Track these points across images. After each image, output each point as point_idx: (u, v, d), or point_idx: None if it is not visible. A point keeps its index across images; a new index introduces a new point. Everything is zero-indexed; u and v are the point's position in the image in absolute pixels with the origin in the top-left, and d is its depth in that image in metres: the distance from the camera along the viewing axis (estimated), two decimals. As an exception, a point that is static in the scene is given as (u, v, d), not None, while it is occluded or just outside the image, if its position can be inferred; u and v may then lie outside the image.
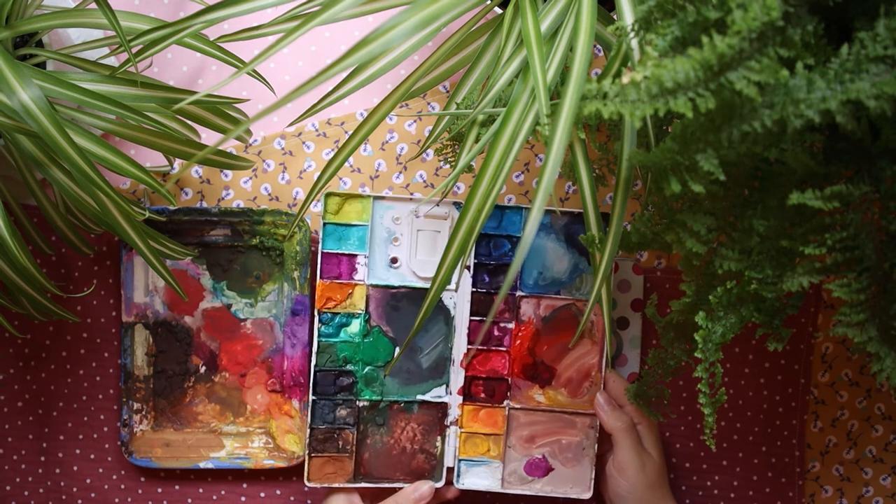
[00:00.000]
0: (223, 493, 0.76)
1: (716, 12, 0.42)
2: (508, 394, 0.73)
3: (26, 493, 0.75)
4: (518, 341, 0.73)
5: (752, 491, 0.77)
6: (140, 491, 0.75)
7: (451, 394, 0.73)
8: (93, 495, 0.75)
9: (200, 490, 0.76)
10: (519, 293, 0.72)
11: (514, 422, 0.73)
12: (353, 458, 0.72)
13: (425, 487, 0.70)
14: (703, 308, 0.55)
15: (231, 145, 0.74)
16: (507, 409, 0.73)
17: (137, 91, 0.58)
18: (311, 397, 0.71)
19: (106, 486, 0.75)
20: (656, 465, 0.68)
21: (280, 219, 0.72)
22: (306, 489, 0.76)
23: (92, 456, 0.75)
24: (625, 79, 0.41)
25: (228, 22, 0.74)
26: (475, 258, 0.71)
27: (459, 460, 0.73)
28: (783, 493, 0.77)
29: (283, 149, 0.75)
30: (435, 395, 0.73)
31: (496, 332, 0.72)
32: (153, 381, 0.75)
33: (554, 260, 0.72)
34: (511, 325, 0.72)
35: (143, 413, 0.74)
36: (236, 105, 0.63)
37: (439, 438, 0.73)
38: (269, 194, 0.75)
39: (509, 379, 0.73)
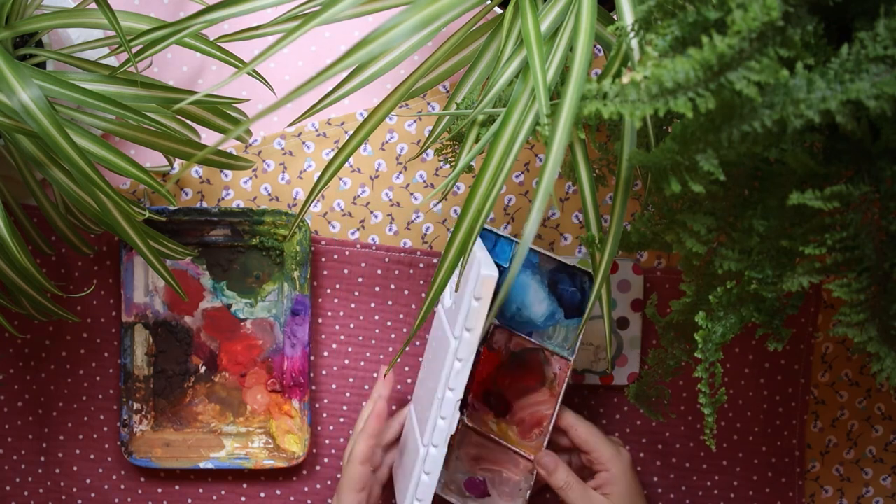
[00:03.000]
0: (223, 493, 0.76)
1: (716, 12, 0.42)
2: (465, 410, 0.73)
3: (26, 493, 0.75)
4: (483, 365, 0.73)
5: (752, 491, 0.77)
6: (140, 491, 0.75)
7: None
8: (93, 495, 0.75)
9: (200, 490, 0.76)
10: (495, 322, 0.72)
11: (465, 437, 0.73)
12: None
13: (380, 404, 0.68)
14: (703, 308, 0.55)
15: (231, 145, 0.74)
16: (460, 423, 0.73)
17: (137, 91, 0.58)
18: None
19: (106, 486, 0.75)
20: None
21: (280, 219, 0.72)
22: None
23: (92, 456, 0.75)
24: (625, 79, 0.41)
25: (228, 22, 0.74)
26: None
27: None
28: (783, 493, 0.77)
29: (283, 149, 0.75)
30: None
31: None
32: (153, 381, 0.75)
33: (534, 300, 0.72)
34: (480, 348, 0.73)
35: (143, 413, 0.74)
36: (236, 105, 0.63)
37: None
38: (269, 194, 0.75)
39: (469, 396, 0.73)
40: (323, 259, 0.75)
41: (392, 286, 0.75)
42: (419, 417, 0.69)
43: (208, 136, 0.70)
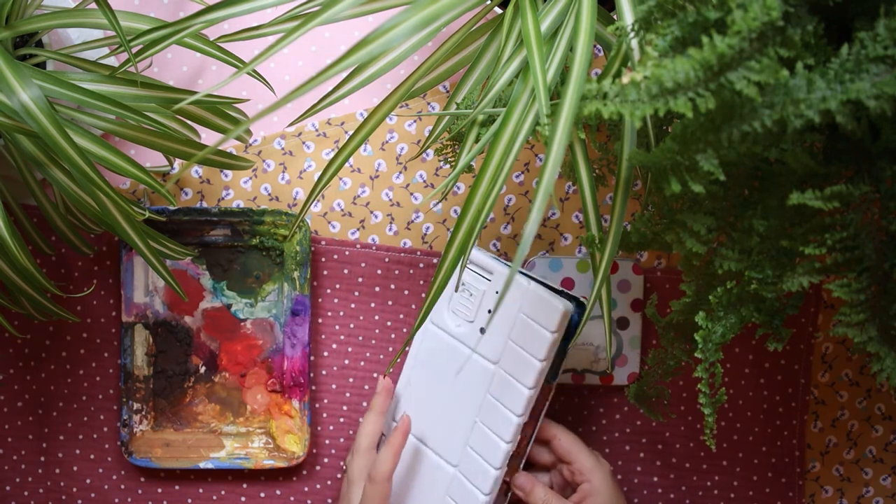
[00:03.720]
0: (223, 493, 0.76)
1: (716, 12, 0.42)
2: None
3: (26, 493, 0.75)
4: None
5: (752, 491, 0.77)
6: (140, 491, 0.75)
7: None
8: (93, 495, 0.75)
9: (200, 490, 0.76)
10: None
11: None
12: None
13: (406, 420, 0.69)
14: (703, 308, 0.55)
15: (231, 145, 0.74)
16: None
17: (137, 91, 0.58)
18: None
19: (106, 486, 0.75)
20: None
21: (280, 219, 0.72)
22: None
23: (92, 456, 0.75)
24: (625, 79, 0.42)
25: (228, 22, 0.74)
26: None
27: None
28: (783, 493, 0.77)
29: (283, 149, 0.75)
30: None
31: None
32: (153, 381, 0.75)
33: None
34: None
35: (143, 413, 0.74)
36: (236, 105, 0.63)
37: None
38: (269, 194, 0.75)
39: None
40: (323, 259, 0.75)
41: (392, 286, 0.75)
42: (432, 436, 0.69)
43: (208, 136, 0.70)
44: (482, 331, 0.67)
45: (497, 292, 0.66)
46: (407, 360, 0.72)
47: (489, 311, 0.67)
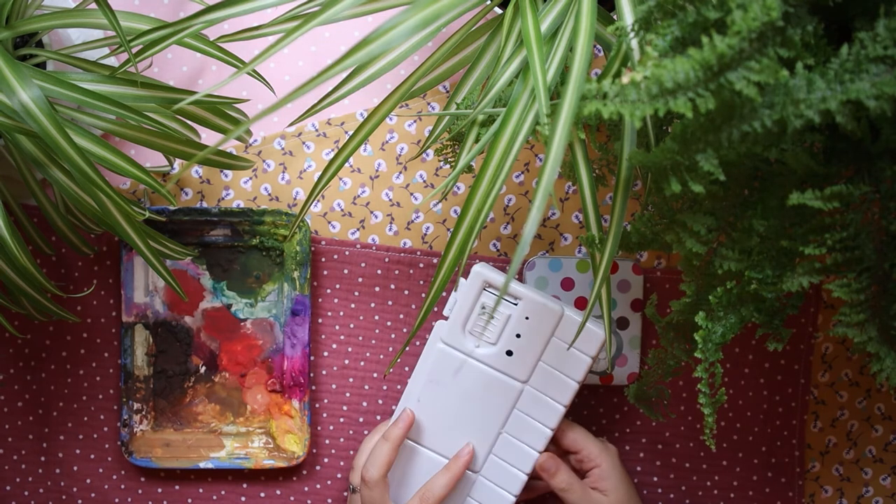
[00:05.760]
0: (223, 493, 0.76)
1: (716, 12, 0.42)
2: None
3: (26, 493, 0.75)
4: None
5: (752, 491, 0.77)
6: (140, 491, 0.75)
7: None
8: (93, 495, 0.75)
9: (200, 490, 0.76)
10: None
11: None
12: None
13: (448, 477, 0.69)
14: (703, 308, 0.55)
15: (231, 145, 0.74)
16: None
17: (137, 91, 0.58)
18: None
19: (106, 486, 0.75)
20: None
21: (280, 219, 0.72)
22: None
23: (92, 456, 0.75)
24: (625, 79, 0.42)
25: (228, 22, 0.74)
26: None
27: None
28: (783, 493, 0.77)
29: (283, 149, 0.75)
30: None
31: None
32: (153, 381, 0.75)
33: None
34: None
35: (143, 413, 0.74)
36: (236, 105, 0.63)
37: None
38: (269, 194, 0.75)
39: None
40: (323, 259, 0.75)
41: (392, 286, 0.75)
42: (449, 447, 0.70)
43: (208, 136, 0.70)
44: (509, 353, 0.69)
45: (527, 318, 0.68)
46: (413, 378, 0.71)
47: (518, 336, 0.68)
